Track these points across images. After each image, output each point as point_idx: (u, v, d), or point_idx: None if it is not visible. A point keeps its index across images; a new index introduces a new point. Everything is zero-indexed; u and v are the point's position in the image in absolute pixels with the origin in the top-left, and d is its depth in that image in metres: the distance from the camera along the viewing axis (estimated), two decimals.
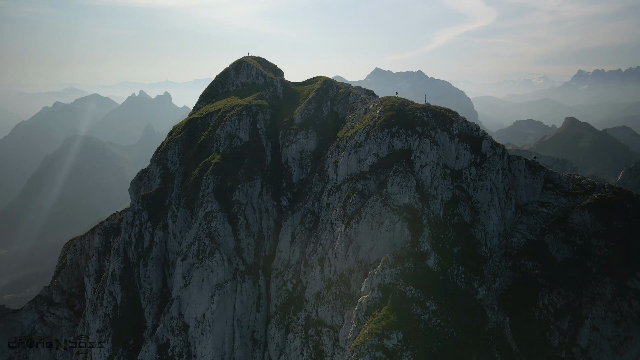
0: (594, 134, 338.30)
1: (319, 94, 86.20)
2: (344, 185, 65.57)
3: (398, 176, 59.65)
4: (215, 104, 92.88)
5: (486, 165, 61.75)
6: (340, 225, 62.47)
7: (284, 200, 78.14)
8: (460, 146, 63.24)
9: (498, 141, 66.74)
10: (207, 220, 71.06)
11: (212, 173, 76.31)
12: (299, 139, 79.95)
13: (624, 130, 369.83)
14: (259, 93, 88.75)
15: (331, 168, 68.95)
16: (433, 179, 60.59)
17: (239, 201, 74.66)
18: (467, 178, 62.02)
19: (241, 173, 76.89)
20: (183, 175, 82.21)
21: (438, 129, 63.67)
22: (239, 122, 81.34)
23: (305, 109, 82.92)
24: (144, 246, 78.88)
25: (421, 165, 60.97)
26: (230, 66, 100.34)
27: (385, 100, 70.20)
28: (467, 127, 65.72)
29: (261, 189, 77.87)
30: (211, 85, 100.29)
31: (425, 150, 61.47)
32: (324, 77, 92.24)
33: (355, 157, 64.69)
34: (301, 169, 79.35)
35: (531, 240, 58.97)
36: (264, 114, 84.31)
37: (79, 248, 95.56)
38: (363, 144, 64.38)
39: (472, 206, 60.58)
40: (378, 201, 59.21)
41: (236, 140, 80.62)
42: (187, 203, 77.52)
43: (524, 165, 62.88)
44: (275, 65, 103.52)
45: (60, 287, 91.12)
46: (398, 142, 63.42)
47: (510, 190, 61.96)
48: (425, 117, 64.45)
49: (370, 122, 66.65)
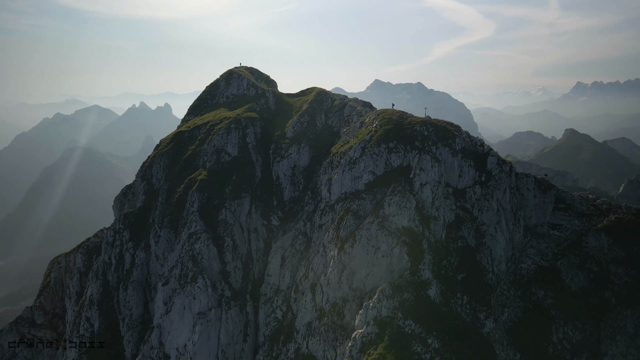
0: (594, 145, 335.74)
1: (313, 106, 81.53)
2: (338, 205, 60.51)
3: (396, 196, 54.61)
4: (203, 117, 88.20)
5: (492, 183, 56.75)
6: (334, 248, 57.28)
7: (274, 219, 72.96)
8: (463, 163, 58.32)
9: (498, 153, 62.01)
10: (191, 242, 65.82)
11: (197, 190, 71.26)
12: (291, 154, 75.06)
13: (624, 142, 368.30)
14: (250, 105, 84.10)
15: (324, 186, 63.96)
16: (434, 199, 55.56)
17: (225, 221, 69.51)
18: (472, 198, 56.99)
19: (228, 190, 71.84)
20: (167, 192, 77.14)
21: (439, 144, 58.81)
22: (227, 135, 76.49)
23: (298, 122, 78.17)
24: (125, 268, 73.56)
25: (421, 184, 55.98)
26: (220, 77, 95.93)
27: (382, 113, 65.45)
28: (470, 142, 60.88)
29: (250, 207, 72.76)
30: (200, 97, 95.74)
31: (425, 167, 56.53)
32: (318, 88, 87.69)
33: (349, 175, 59.72)
34: (293, 185, 74.31)
35: (542, 266, 53.71)
36: (254, 127, 79.53)
37: (63, 266, 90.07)
38: (358, 161, 59.46)
39: (477, 228, 55.45)
40: (374, 223, 54.10)
41: (224, 155, 75.69)
42: (170, 222, 72.35)
43: (533, 183, 57.90)
44: (268, 76, 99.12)
45: (43, 308, 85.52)
46: (396, 159, 58.50)
47: (519, 211, 56.90)
48: (426, 132, 59.62)
49: (366, 136, 61.82)
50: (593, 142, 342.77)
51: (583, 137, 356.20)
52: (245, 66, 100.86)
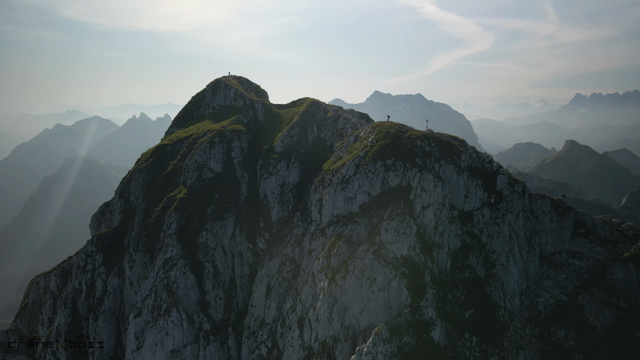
0: (595, 157, 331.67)
1: (304, 118, 75.30)
2: (329, 229, 53.89)
3: (394, 220, 48.03)
4: (187, 129, 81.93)
5: (503, 206, 50.22)
6: (324, 279, 50.55)
7: (261, 242, 66.21)
8: (470, 182, 51.85)
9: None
10: (166, 269, 59.09)
11: (175, 210, 64.68)
12: (280, 171, 68.60)
13: (624, 153, 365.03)
14: (236, 117, 77.89)
15: (314, 207, 57.42)
16: (438, 224, 48.99)
17: (206, 244, 62.83)
18: (480, 222, 50.41)
19: (210, 210, 65.26)
20: (145, 212, 70.56)
21: (443, 161, 52.37)
22: (209, 150, 70.09)
23: (288, 136, 71.85)
24: (96, 296, 66.63)
25: (423, 207, 49.44)
26: (207, 87, 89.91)
27: (379, 126, 59.15)
28: (477, 159, 54.49)
29: (234, 229, 66.12)
30: (185, 108, 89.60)
31: (427, 187, 50.03)
32: (310, 98, 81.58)
33: (342, 195, 53.22)
34: (282, 205, 67.70)
35: (562, 301, 46.93)
36: (240, 141, 73.17)
37: (42, 287, 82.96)
38: (352, 179, 52.97)
39: (486, 257, 48.79)
40: (369, 252, 47.44)
41: (206, 171, 69.21)
42: (146, 245, 65.64)
43: (548, 205, 51.37)
44: (258, 86, 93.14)
45: (19, 332, 78.45)
46: (394, 178, 52.00)
47: (533, 237, 50.29)
48: (427, 147, 53.20)
49: (360, 152, 55.43)
50: (593, 154, 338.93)
51: (584, 148, 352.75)
52: (234, 75, 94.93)
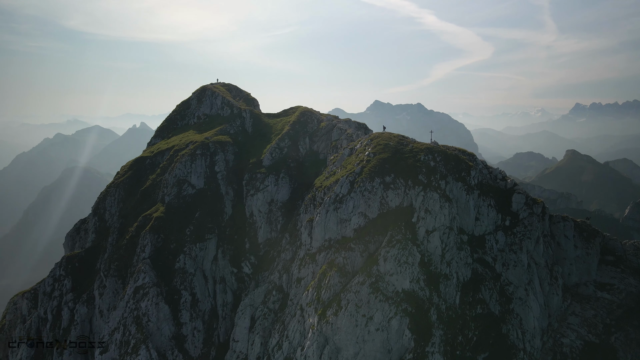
0: (596, 166, 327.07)
1: (295, 128, 68.92)
2: (320, 255, 47.22)
3: (394, 247, 41.38)
4: (169, 140, 75.56)
5: (520, 230, 43.61)
6: (313, 314, 43.75)
7: (246, 266, 59.51)
8: (481, 202, 45.31)
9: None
10: (136, 299, 52.35)
11: (150, 231, 58.05)
12: (267, 186, 62.08)
13: (625, 163, 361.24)
14: (222, 127, 71.52)
15: (304, 229, 50.79)
16: (444, 251, 42.35)
17: (184, 270, 56.15)
18: (493, 248, 43.80)
19: (190, 231, 58.66)
20: (119, 232, 63.93)
21: (450, 178, 45.83)
22: (190, 163, 63.61)
23: (277, 148, 65.41)
24: (62, 326, 59.68)
25: (427, 231, 42.81)
26: (192, 94, 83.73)
27: (376, 138, 52.67)
28: (489, 175, 47.99)
29: (216, 251, 59.44)
30: (170, 117, 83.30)
31: (432, 208, 43.46)
32: (302, 107, 75.31)
33: (334, 217, 46.60)
34: (269, 225, 61.07)
35: (591, 342, 40.16)
36: (225, 153, 66.71)
37: (19, 307, 75.93)
38: (346, 199, 46.38)
39: (501, 290, 42.11)
40: (365, 284, 40.74)
41: (187, 187, 62.66)
42: (118, 270, 58.92)
43: (572, 229, 44.76)
44: (248, 94, 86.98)
45: None
46: (394, 197, 45.39)
47: (555, 266, 43.65)
48: (432, 162, 46.66)
49: (355, 167, 48.90)
50: (595, 163, 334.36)
51: (585, 158, 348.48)
52: (223, 82, 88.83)
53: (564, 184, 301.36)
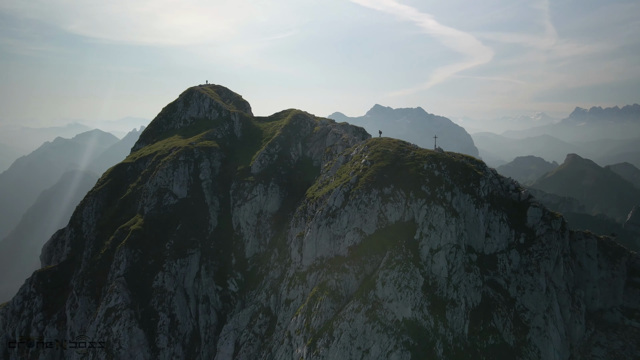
0: (597, 171, 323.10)
1: (287, 133, 63.88)
2: (311, 276, 42.07)
3: (394, 269, 36.25)
4: (153, 146, 70.55)
5: (537, 248, 38.50)
6: (302, 343, 38.55)
7: (232, 283, 54.36)
8: (492, 216, 40.21)
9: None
10: (107, 323, 47.20)
11: (127, 246, 52.96)
12: (256, 196, 57.03)
13: (626, 167, 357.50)
14: (209, 131, 66.52)
15: (294, 245, 45.66)
16: (451, 273, 37.22)
17: (162, 288, 51.02)
18: (506, 269, 38.68)
19: (170, 245, 53.57)
20: (95, 245, 58.90)
21: (456, 189, 40.75)
22: (172, 171, 58.59)
23: (267, 154, 60.36)
24: (30, 349, 54.41)
25: (431, 250, 37.70)
26: (179, 97, 78.81)
27: (374, 144, 47.57)
28: (500, 186, 42.92)
29: (199, 267, 54.31)
30: (155, 121, 78.35)
31: (437, 224, 38.34)
32: (295, 110, 70.31)
33: (327, 233, 41.48)
34: (258, 238, 55.98)
35: None
36: (211, 160, 61.69)
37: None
38: (339, 213, 41.27)
39: (516, 317, 36.95)
40: (361, 312, 35.59)
41: (168, 196, 57.59)
42: (91, 288, 53.87)
43: (595, 247, 39.64)
44: (239, 96, 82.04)
45: None
46: (394, 211, 40.27)
47: (577, 289, 38.51)
48: (437, 171, 41.56)
49: (350, 176, 43.80)
50: (596, 167, 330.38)
51: (586, 162, 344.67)
52: (212, 84, 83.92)
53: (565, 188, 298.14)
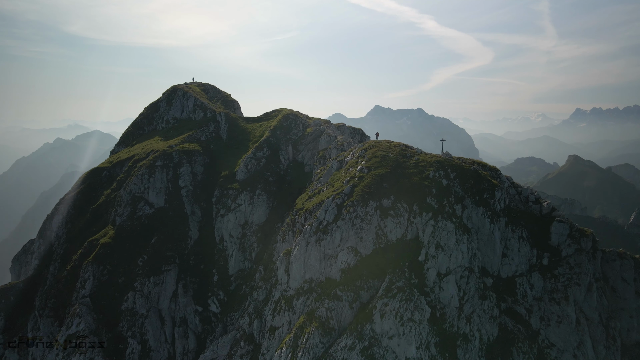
0: (599, 172, 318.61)
1: (276, 134, 58.05)
2: (298, 301, 36.21)
3: (395, 298, 30.42)
4: (132, 149, 64.80)
5: (564, 272, 32.66)
6: None
7: (213, 303, 48.53)
8: (509, 233, 34.38)
9: None
10: (67, 352, 41.41)
11: (94, 262, 47.14)
12: (241, 205, 51.21)
13: (627, 168, 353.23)
14: (192, 133, 60.73)
15: (280, 262, 39.79)
16: (463, 301, 31.40)
17: (133, 311, 45.20)
18: (527, 295, 32.85)
19: (143, 261, 47.75)
20: (62, 259, 53.10)
21: (468, 200, 34.93)
22: (148, 177, 52.75)
23: (253, 158, 54.56)
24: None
25: (439, 274, 31.88)
26: (162, 95, 73.04)
27: (372, 148, 41.67)
28: (518, 197, 37.11)
29: (176, 286, 48.48)
30: (136, 122, 72.60)
31: (446, 243, 32.51)
32: (286, 109, 64.47)
33: (317, 251, 35.64)
34: (242, 252, 50.16)
35: None
36: (193, 165, 55.88)
37: None
38: (331, 228, 35.41)
39: (540, 354, 31.09)
40: (355, 350, 29.74)
41: (143, 205, 51.75)
42: (55, 308, 48.06)
43: (632, 269, 33.81)
44: (228, 95, 76.25)
45: None
46: (395, 227, 34.41)
47: (611, 320, 32.66)
48: (445, 180, 35.71)
49: (345, 185, 37.95)
50: (597, 169, 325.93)
51: (587, 163, 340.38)
52: (198, 82, 78.13)
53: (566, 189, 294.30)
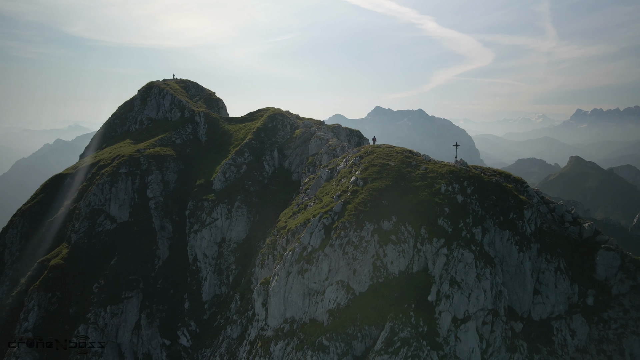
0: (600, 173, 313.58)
1: (260, 137, 50.77)
2: (277, 346, 28.90)
3: (398, 355, 23.14)
4: (100, 153, 57.56)
5: (615, 315, 25.41)
6: None
7: (183, 336, 41.25)
8: (543, 264, 27.11)
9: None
10: None
11: (41, 288, 39.97)
12: (217, 220, 43.93)
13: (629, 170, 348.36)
14: (165, 135, 53.48)
15: (258, 294, 32.49)
16: (486, 355, 24.13)
17: (85, 347, 37.83)
18: (567, 345, 25.59)
19: (99, 287, 40.53)
20: (11, 281, 45.87)
21: (489, 222, 27.66)
22: (110, 187, 45.48)
23: (233, 164, 47.28)
24: None
25: (455, 319, 24.59)
26: (137, 93, 65.83)
27: (369, 155, 34.31)
28: (550, 215, 29.82)
29: (139, 315, 41.27)
30: (108, 122, 65.40)
31: (464, 278, 25.22)
32: (273, 108, 57.14)
33: (299, 284, 28.37)
34: (218, 275, 42.88)
35: None
36: (164, 172, 48.60)
37: None
38: (317, 257, 28.12)
39: None
40: None
41: (103, 220, 44.50)
42: None
43: None
44: (212, 93, 68.98)
45: None
46: (397, 257, 27.12)
47: None
48: (460, 196, 28.41)
49: (335, 201, 30.66)
50: (599, 170, 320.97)
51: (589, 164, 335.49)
52: (178, 79, 70.89)
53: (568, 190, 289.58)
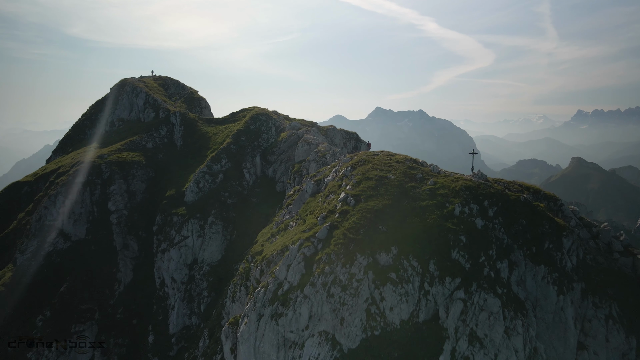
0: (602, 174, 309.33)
1: (241, 140, 44.42)
2: None
3: None
4: (64, 158, 51.33)
5: None
6: None
7: None
8: (590, 309, 20.69)
9: None
10: None
11: None
12: (187, 238, 37.63)
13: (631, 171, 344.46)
14: (135, 138, 47.19)
15: (226, 337, 26.13)
16: None
17: None
18: None
19: (43, 320, 34.31)
20: None
21: (518, 253, 21.26)
22: (64, 199, 39.21)
23: (208, 173, 40.95)
24: None
25: None
26: (110, 91, 59.62)
27: (363, 165, 27.86)
28: (593, 242, 23.43)
29: (93, 353, 34.95)
30: (77, 124, 59.17)
31: (488, 333, 18.77)
32: (257, 108, 50.79)
33: (273, 332, 21.95)
34: (188, 304, 36.59)
35: None
36: (130, 182, 42.32)
37: None
38: (294, 297, 21.71)
39: None
40: None
41: (55, 237, 38.15)
42: None
43: None
44: (194, 92, 62.71)
45: None
46: (398, 302, 20.71)
47: None
48: (480, 219, 22.00)
49: (320, 224, 24.22)
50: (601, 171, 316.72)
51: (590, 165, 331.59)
52: (158, 75, 64.70)
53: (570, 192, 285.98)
